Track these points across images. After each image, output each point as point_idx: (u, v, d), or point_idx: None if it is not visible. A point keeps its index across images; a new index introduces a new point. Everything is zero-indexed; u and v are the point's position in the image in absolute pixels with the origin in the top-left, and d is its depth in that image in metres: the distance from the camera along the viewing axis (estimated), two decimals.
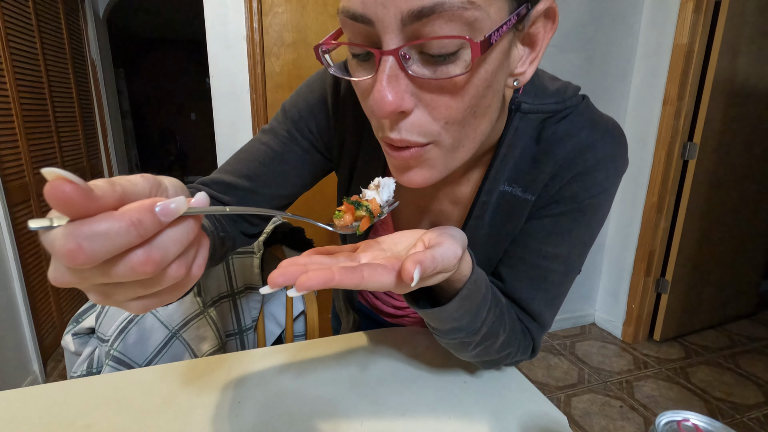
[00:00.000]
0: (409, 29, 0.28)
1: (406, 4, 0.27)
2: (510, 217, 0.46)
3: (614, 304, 2.20)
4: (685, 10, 1.75)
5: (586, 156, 0.41)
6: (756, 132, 1.99)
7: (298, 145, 0.51)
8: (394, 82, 0.29)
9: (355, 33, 0.31)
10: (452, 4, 0.27)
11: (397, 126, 0.32)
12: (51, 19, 2.19)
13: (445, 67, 0.29)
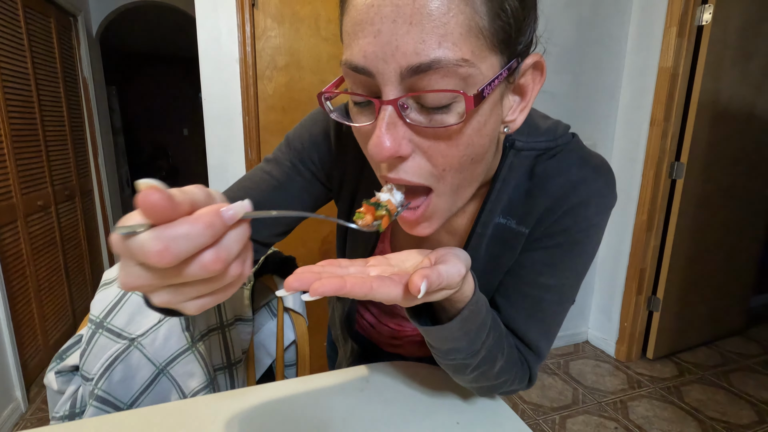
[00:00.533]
0: (408, 82, 0.30)
1: (405, 60, 0.29)
2: (505, 248, 0.47)
3: (607, 322, 2.21)
4: (669, 35, 1.80)
5: (577, 192, 0.43)
6: (740, 152, 2.03)
7: (300, 175, 0.52)
8: (392, 129, 0.31)
9: (357, 83, 0.33)
10: (448, 61, 0.29)
11: (396, 168, 0.34)
12: (43, 38, 2.19)
13: (441, 116, 0.31)
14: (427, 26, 0.28)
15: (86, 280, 2.61)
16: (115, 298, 0.66)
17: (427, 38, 0.28)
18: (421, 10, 0.28)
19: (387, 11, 0.29)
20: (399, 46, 0.29)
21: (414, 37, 0.28)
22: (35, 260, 1.99)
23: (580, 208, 0.43)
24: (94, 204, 2.82)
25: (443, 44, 0.29)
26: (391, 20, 0.29)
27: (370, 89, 0.33)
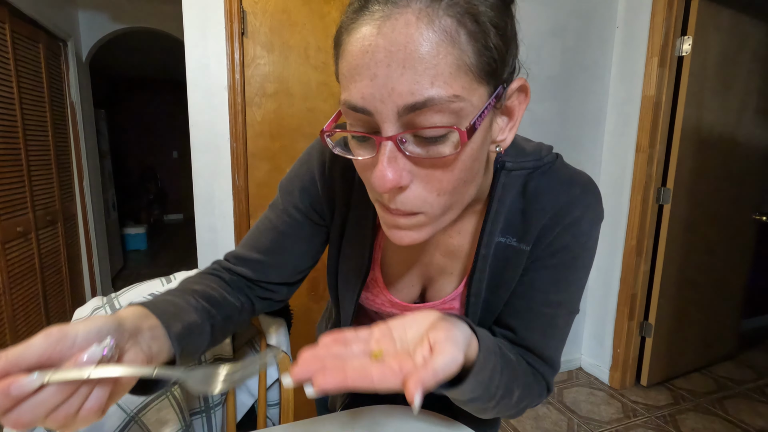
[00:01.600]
0: (404, 119, 0.32)
1: (402, 100, 0.31)
2: (507, 266, 0.49)
3: (599, 349, 2.18)
4: (650, 65, 1.85)
5: (571, 210, 0.46)
6: (725, 177, 2.06)
7: (294, 219, 0.56)
8: (393, 162, 0.34)
9: (356, 120, 0.35)
10: (441, 99, 0.31)
11: (395, 199, 0.36)
12: (31, 63, 2.18)
13: (437, 147, 0.34)
14: (419, 68, 0.30)
15: (65, 309, 2.52)
16: None
17: (420, 79, 0.30)
18: (413, 54, 0.30)
19: (381, 57, 0.31)
20: (395, 88, 0.31)
21: (408, 79, 0.31)
22: (11, 289, 1.92)
23: (576, 225, 0.46)
24: (77, 229, 2.75)
25: (435, 83, 0.31)
26: (385, 65, 0.31)
27: (369, 126, 0.35)
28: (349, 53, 0.33)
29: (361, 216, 0.53)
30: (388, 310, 0.57)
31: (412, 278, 0.55)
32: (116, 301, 0.67)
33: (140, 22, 2.98)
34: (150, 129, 6.36)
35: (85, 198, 2.81)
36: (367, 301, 0.58)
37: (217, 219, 1.53)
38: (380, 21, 0.31)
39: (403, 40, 0.30)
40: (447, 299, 0.53)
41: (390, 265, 0.55)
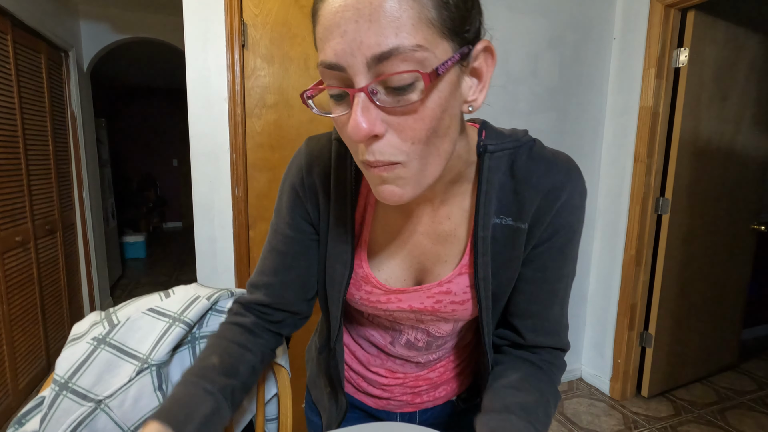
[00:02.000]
0: (374, 70, 0.35)
1: (369, 51, 0.34)
2: (508, 245, 0.50)
3: (600, 359, 2.17)
4: (647, 76, 1.86)
5: (563, 188, 0.48)
6: (723, 187, 2.07)
7: (289, 237, 0.58)
8: (366, 112, 0.36)
9: (332, 78, 0.37)
10: (404, 48, 0.34)
11: (371, 148, 0.38)
12: (32, 73, 2.19)
13: (405, 96, 0.35)
14: (383, 22, 0.33)
15: (63, 318, 2.51)
16: (83, 355, 0.62)
17: (384, 31, 0.33)
18: (377, 9, 0.33)
19: (349, 15, 0.34)
20: (363, 41, 0.34)
21: (374, 32, 0.33)
22: (9, 298, 1.91)
23: (570, 202, 0.49)
24: (76, 238, 2.75)
25: (399, 34, 0.33)
26: (353, 21, 0.34)
27: (344, 82, 0.37)
28: (323, 16, 0.36)
29: (340, 210, 0.54)
30: (384, 307, 0.55)
31: (403, 271, 0.55)
32: (114, 316, 0.66)
33: (141, 33, 3.00)
34: (150, 137, 6.39)
35: (84, 207, 2.81)
36: (359, 300, 0.56)
37: (216, 229, 1.53)
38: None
39: (370, 0, 0.33)
40: (443, 281, 0.52)
41: (379, 260, 0.55)
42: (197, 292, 0.71)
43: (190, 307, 0.68)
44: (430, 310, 0.53)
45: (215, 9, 1.42)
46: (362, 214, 0.55)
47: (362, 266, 0.54)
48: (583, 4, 1.93)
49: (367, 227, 0.55)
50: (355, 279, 0.55)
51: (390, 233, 0.54)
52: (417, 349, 0.60)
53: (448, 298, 0.52)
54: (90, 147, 2.95)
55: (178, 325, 0.66)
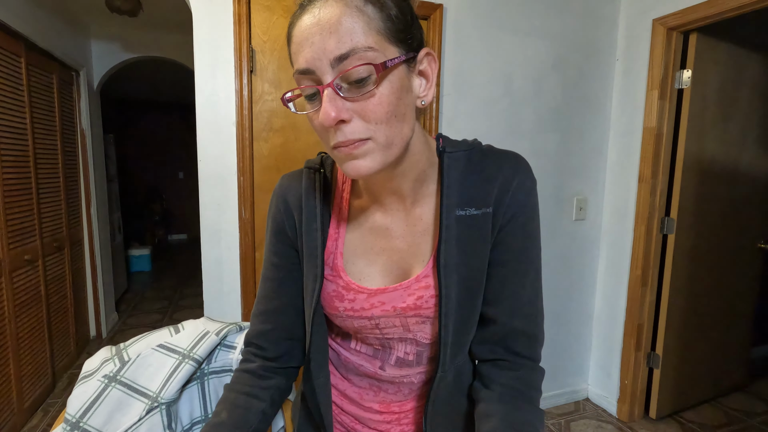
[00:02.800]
0: (336, 69, 0.43)
1: (332, 54, 0.43)
2: (473, 234, 0.54)
3: (607, 380, 2.15)
4: (651, 97, 1.88)
5: (515, 174, 0.55)
6: (728, 207, 2.07)
7: (275, 265, 0.63)
8: (332, 101, 0.43)
9: (306, 81, 0.46)
10: (359, 49, 0.42)
11: (341, 131, 0.45)
12: (44, 93, 2.24)
13: (364, 87, 0.44)
14: (341, 31, 0.42)
15: (69, 334, 2.52)
16: (94, 393, 0.63)
17: (342, 38, 0.42)
18: (336, 23, 0.42)
19: (315, 30, 0.43)
20: (326, 48, 0.43)
21: (335, 39, 0.42)
22: (17, 317, 1.93)
23: (523, 184, 0.55)
24: (83, 253, 2.77)
25: (354, 39, 0.42)
26: (318, 34, 0.43)
27: (315, 83, 0.45)
28: (295, 36, 0.45)
29: (310, 227, 0.58)
30: (368, 314, 0.56)
31: (383, 276, 0.57)
32: (125, 353, 0.67)
33: (151, 52, 3.06)
34: (156, 150, 6.46)
35: (92, 223, 2.84)
36: (344, 312, 0.57)
37: (222, 251, 1.54)
38: (311, 9, 0.44)
39: (328, 17, 0.43)
40: (420, 275, 0.55)
41: (359, 268, 0.58)
42: (206, 327, 0.72)
43: (199, 344, 0.69)
44: (413, 308, 0.55)
45: (224, 36, 1.45)
46: (336, 229, 0.59)
47: (341, 276, 0.58)
48: (585, 27, 1.96)
49: (341, 240, 0.59)
50: (336, 291, 0.57)
51: (366, 242, 0.58)
52: (408, 364, 0.60)
53: (428, 292, 0.55)
54: (98, 163, 2.99)
55: (188, 362, 0.66)
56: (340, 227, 0.59)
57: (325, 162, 0.61)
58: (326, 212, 0.59)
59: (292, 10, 1.50)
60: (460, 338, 0.56)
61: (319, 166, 0.61)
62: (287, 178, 0.63)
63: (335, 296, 0.57)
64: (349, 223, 0.59)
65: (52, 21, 2.31)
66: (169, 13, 2.66)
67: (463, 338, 0.56)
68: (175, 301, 3.88)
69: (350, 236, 0.59)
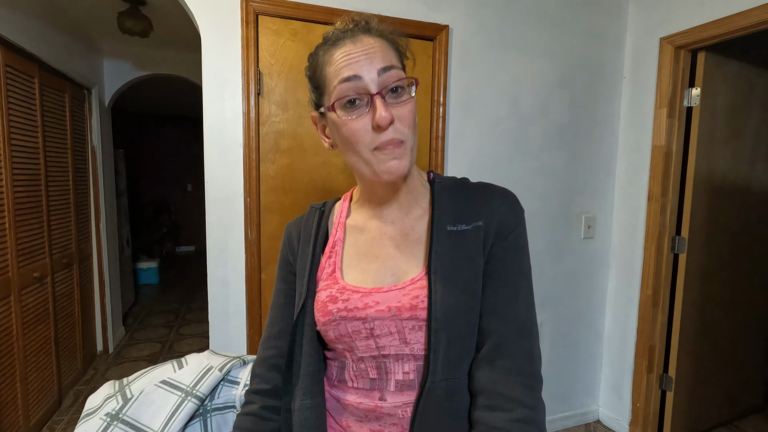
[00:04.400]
0: (381, 79, 0.54)
1: (379, 65, 0.54)
2: (464, 247, 0.58)
3: (618, 402, 2.10)
4: (659, 116, 1.86)
5: (504, 199, 0.62)
6: (740, 225, 2.03)
7: (282, 292, 0.69)
8: (384, 107, 0.53)
9: (349, 90, 0.54)
10: (395, 65, 0.56)
11: (388, 131, 0.54)
12: (56, 112, 2.28)
13: (400, 96, 0.55)
14: (383, 54, 0.55)
15: (76, 350, 2.53)
16: (98, 431, 0.62)
17: (385, 57, 0.55)
18: (377, 49, 0.55)
19: (360, 51, 0.55)
20: (372, 61, 0.54)
21: (379, 57, 0.55)
22: (25, 335, 1.94)
23: (513, 206, 0.61)
24: (91, 269, 2.79)
25: (391, 60, 0.56)
26: (364, 54, 0.55)
27: (357, 91, 0.54)
28: (336, 60, 0.55)
29: (304, 249, 0.66)
30: (362, 315, 0.57)
31: (379, 278, 0.61)
32: (128, 389, 0.67)
33: (161, 69, 3.11)
34: (165, 163, 6.53)
35: (101, 238, 2.86)
36: (337, 313, 0.58)
37: (228, 272, 1.54)
38: (351, 42, 0.55)
39: (370, 45, 0.55)
40: (416, 278, 0.58)
41: (354, 275, 0.62)
42: (210, 362, 0.71)
43: (202, 380, 0.68)
44: (408, 308, 0.56)
45: (232, 59, 1.47)
46: (332, 248, 0.65)
47: (338, 281, 0.62)
48: (592, 45, 1.95)
49: (338, 256, 0.64)
50: (330, 295, 0.60)
51: (362, 250, 0.64)
52: (409, 386, 0.58)
53: (423, 292, 0.56)
54: (108, 179, 3.02)
55: (191, 400, 0.66)
56: (336, 245, 0.65)
57: (326, 204, 0.72)
58: (323, 237, 0.66)
59: (299, 33, 1.51)
60: (453, 348, 0.54)
61: (320, 206, 0.71)
62: (295, 219, 0.73)
63: (329, 300, 0.60)
64: (346, 239, 0.66)
65: (65, 42, 2.36)
66: (179, 33, 2.71)
67: (456, 349, 0.55)
68: (182, 314, 3.89)
69: (347, 249, 0.65)
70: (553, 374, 2.07)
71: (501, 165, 1.86)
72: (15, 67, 1.87)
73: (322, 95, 0.58)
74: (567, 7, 1.89)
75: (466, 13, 1.73)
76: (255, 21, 1.47)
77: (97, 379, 2.62)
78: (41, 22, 2.09)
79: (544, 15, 1.85)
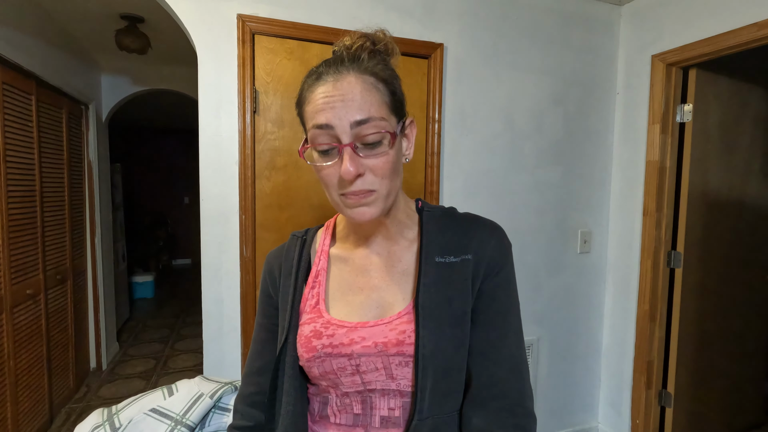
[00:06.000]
0: (354, 131, 0.51)
1: (353, 117, 0.51)
2: (452, 279, 0.57)
3: (617, 418, 2.08)
4: (652, 132, 1.88)
5: (493, 232, 0.61)
6: (736, 241, 2.04)
7: (263, 327, 0.67)
8: (353, 160, 0.51)
9: (322, 137, 0.52)
10: (374, 117, 0.52)
11: (355, 183, 0.52)
12: (53, 128, 2.28)
13: (376, 149, 0.53)
14: (360, 102, 0.51)
15: (69, 367, 2.49)
16: None
17: (362, 106, 0.51)
18: (357, 95, 0.51)
19: (337, 98, 0.51)
20: (348, 111, 0.51)
21: (355, 106, 0.51)
22: (16, 354, 1.91)
23: (502, 240, 0.61)
24: (86, 285, 2.77)
25: (371, 110, 0.52)
26: (341, 101, 0.51)
27: (331, 140, 0.52)
28: (314, 100, 0.53)
29: (286, 281, 0.64)
30: (348, 351, 0.55)
31: (364, 311, 0.59)
32: (116, 419, 0.66)
33: (158, 85, 3.13)
34: (161, 176, 6.53)
35: (96, 253, 2.84)
36: (321, 350, 0.56)
37: (224, 290, 1.53)
38: (333, 81, 0.52)
39: (350, 88, 0.51)
40: (402, 312, 0.56)
41: (338, 307, 0.60)
42: (201, 389, 0.70)
43: (192, 408, 0.67)
44: (395, 343, 0.54)
45: (229, 78, 1.48)
46: (315, 278, 0.63)
47: (322, 315, 0.59)
48: (585, 63, 1.98)
49: (321, 287, 0.62)
50: (315, 330, 0.58)
51: (346, 281, 0.62)
52: (395, 423, 0.56)
53: (410, 327, 0.55)
54: (104, 194, 3.02)
55: (180, 429, 0.65)
56: (319, 275, 0.63)
57: (308, 232, 0.70)
58: (305, 267, 0.64)
59: (295, 52, 1.52)
60: (440, 385, 0.53)
61: (301, 235, 0.69)
62: (275, 249, 0.70)
63: (313, 335, 0.57)
64: (330, 269, 0.64)
65: (63, 59, 2.37)
66: (176, 49, 2.73)
67: (443, 385, 0.53)
68: (177, 329, 3.85)
69: (332, 280, 0.63)
70: (551, 390, 2.05)
71: (496, 180, 1.87)
72: (12, 84, 1.88)
73: (304, 129, 0.57)
74: (560, 25, 1.91)
75: (460, 31, 1.76)
76: (251, 40, 1.48)
77: (89, 397, 2.58)
78: (40, 39, 2.11)
79: (538, 33, 1.88)
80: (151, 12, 2.18)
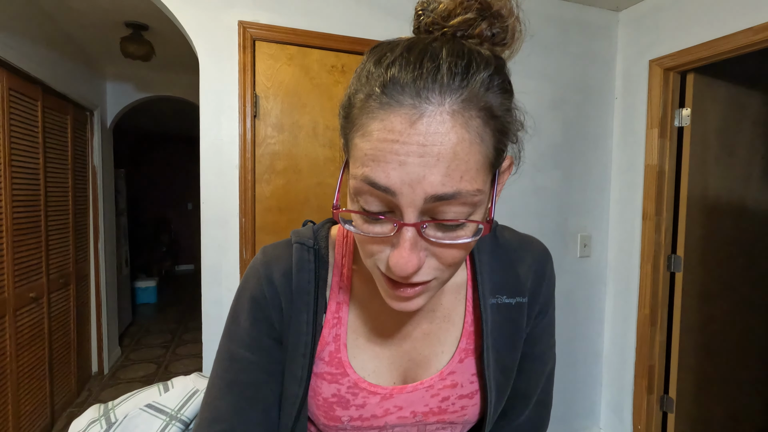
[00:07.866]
0: (428, 205, 0.33)
1: (432, 189, 0.32)
2: (507, 326, 0.48)
3: (619, 423, 2.06)
4: (651, 136, 1.89)
5: (546, 260, 0.52)
6: (736, 244, 2.03)
7: (250, 362, 0.47)
8: (414, 248, 0.34)
9: (373, 196, 0.34)
10: (467, 192, 0.32)
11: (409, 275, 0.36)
12: (58, 134, 2.31)
13: (455, 232, 0.35)
14: (452, 164, 0.31)
15: (70, 371, 2.50)
16: None
17: (452, 173, 0.31)
18: (448, 150, 0.31)
19: (413, 147, 0.31)
20: (426, 176, 0.31)
21: (441, 171, 0.31)
22: (19, 357, 1.92)
23: (552, 272, 0.53)
24: (89, 289, 2.79)
25: (464, 178, 0.32)
26: (418, 155, 0.31)
27: (385, 204, 0.34)
28: (376, 138, 0.32)
29: (299, 318, 0.46)
30: (381, 423, 0.46)
31: (392, 371, 0.47)
32: (112, 413, 0.66)
33: (162, 91, 3.17)
34: (165, 182, 6.58)
35: (99, 257, 2.87)
36: (348, 424, 0.46)
37: (223, 292, 1.54)
38: (412, 115, 0.31)
39: (439, 138, 0.31)
40: (444, 372, 0.46)
41: (362, 361, 0.47)
42: (196, 385, 0.71)
43: (187, 404, 0.68)
44: (437, 412, 0.46)
45: (229, 83, 1.50)
46: (336, 314, 0.47)
47: (347, 373, 0.45)
48: (584, 67, 1.99)
49: (343, 327, 0.46)
50: (339, 395, 0.45)
51: (374, 326, 0.47)
52: None
53: (455, 392, 0.46)
54: (108, 199, 3.05)
55: (175, 424, 0.65)
56: (340, 311, 0.47)
57: (318, 235, 0.49)
58: (322, 296, 0.46)
59: (295, 58, 1.55)
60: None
61: (312, 242, 0.47)
62: (273, 252, 0.48)
63: (336, 403, 0.45)
64: (352, 304, 0.47)
65: (69, 65, 2.42)
66: (180, 56, 2.77)
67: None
68: (179, 334, 3.86)
69: (354, 320, 0.47)
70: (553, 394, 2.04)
71: None
72: (19, 90, 1.91)
73: (345, 152, 0.38)
74: (558, 31, 1.93)
75: None
76: (252, 46, 1.51)
77: (90, 401, 2.58)
78: (47, 47, 2.15)
79: (536, 38, 1.90)
80: (155, 20, 2.22)
